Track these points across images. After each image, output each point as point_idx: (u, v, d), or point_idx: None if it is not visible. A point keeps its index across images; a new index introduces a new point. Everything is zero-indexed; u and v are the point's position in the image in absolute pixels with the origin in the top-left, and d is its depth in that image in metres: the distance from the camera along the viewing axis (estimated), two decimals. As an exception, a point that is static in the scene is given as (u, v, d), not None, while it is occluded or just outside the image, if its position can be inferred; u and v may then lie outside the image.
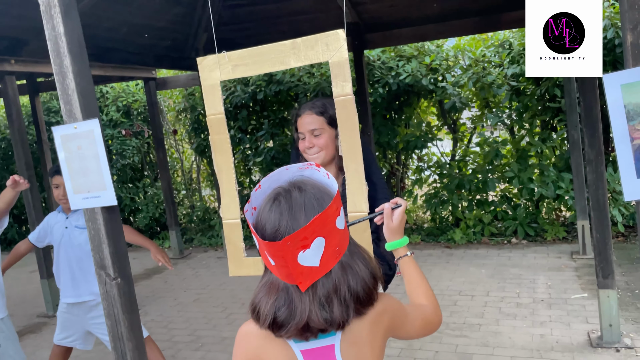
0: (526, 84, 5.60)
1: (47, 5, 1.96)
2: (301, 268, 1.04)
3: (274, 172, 1.17)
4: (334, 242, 1.06)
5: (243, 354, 1.17)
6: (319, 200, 1.07)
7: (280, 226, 1.05)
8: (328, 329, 1.07)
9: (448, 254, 5.37)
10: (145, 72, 6.12)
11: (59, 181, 2.95)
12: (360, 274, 1.08)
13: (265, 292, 1.12)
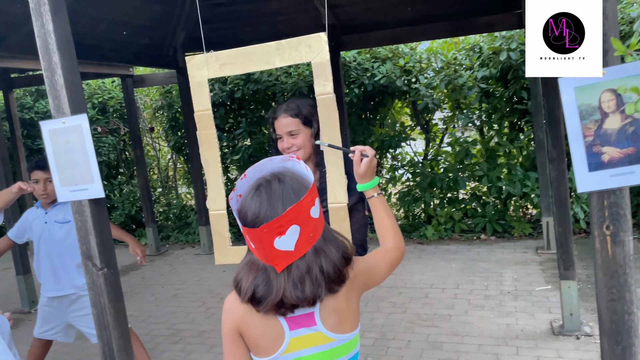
0: (495, 87, 5.82)
1: (36, 3, 2.01)
2: (277, 252, 1.17)
3: (259, 162, 1.28)
4: (308, 229, 1.18)
5: (230, 318, 1.28)
6: (296, 191, 1.19)
7: (259, 214, 1.17)
8: (301, 304, 1.20)
9: (420, 250, 5.55)
10: (123, 70, 6.12)
11: (38, 176, 2.98)
12: (332, 258, 1.21)
13: (247, 270, 1.25)
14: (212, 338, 3.87)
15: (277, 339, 1.24)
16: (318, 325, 1.25)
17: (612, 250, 1.52)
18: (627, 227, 1.49)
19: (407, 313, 3.99)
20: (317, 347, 1.26)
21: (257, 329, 1.25)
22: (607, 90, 1.45)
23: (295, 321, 1.24)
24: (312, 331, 1.25)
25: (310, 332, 1.25)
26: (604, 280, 1.54)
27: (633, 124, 1.44)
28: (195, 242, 6.82)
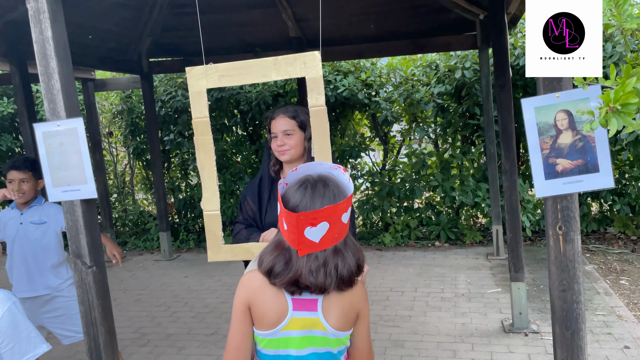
0: (450, 102, 6.19)
1: (36, 10, 2.09)
2: (304, 239, 1.34)
3: (310, 163, 1.47)
4: (335, 230, 1.36)
5: (244, 291, 1.44)
6: (335, 195, 1.37)
7: (300, 204, 1.36)
8: (311, 288, 1.37)
9: (379, 256, 5.79)
10: (84, 73, 6.07)
11: (14, 176, 2.98)
12: (347, 260, 1.39)
13: (273, 247, 1.43)
14: (180, 341, 3.93)
15: (281, 315, 1.40)
16: (318, 312, 1.41)
17: (563, 248, 1.77)
18: (576, 227, 1.75)
19: (370, 315, 4.19)
20: (311, 330, 1.42)
21: (266, 304, 1.40)
22: (561, 111, 1.71)
23: (300, 303, 1.40)
24: (312, 316, 1.41)
25: (310, 316, 1.41)
26: (557, 273, 1.79)
27: (582, 140, 1.70)
28: (154, 248, 6.78)
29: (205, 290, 5.03)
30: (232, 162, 6.82)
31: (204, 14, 5.32)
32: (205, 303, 4.69)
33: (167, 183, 7.04)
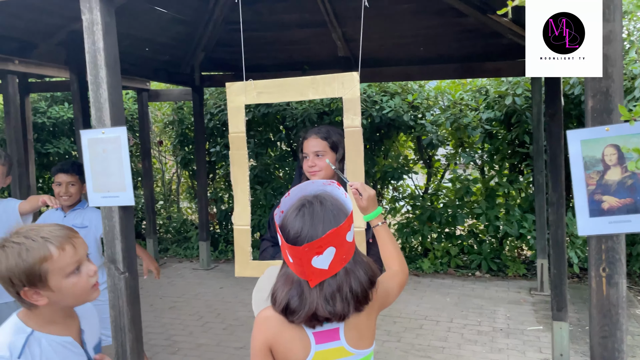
0: (499, 129, 6.03)
1: (90, 22, 2.18)
2: (313, 269, 1.29)
3: (302, 183, 1.42)
4: (343, 251, 1.31)
5: (263, 334, 1.38)
6: (335, 216, 1.32)
7: (301, 233, 1.30)
8: (332, 319, 1.32)
9: (416, 281, 5.66)
10: (140, 83, 6.31)
11: (61, 179, 3.11)
12: (360, 279, 1.34)
13: (283, 282, 1.37)
14: (209, 352, 3.94)
15: (305, 352, 1.34)
16: (341, 340, 1.36)
17: (606, 291, 1.66)
18: (621, 270, 1.63)
19: (402, 342, 4.08)
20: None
21: (288, 343, 1.35)
22: (610, 145, 1.61)
23: (321, 336, 1.35)
24: (336, 345, 1.36)
25: (334, 346, 1.36)
26: (598, 318, 1.67)
27: (632, 177, 1.59)
28: (194, 257, 6.90)
29: (238, 303, 5.05)
30: (275, 177, 6.88)
31: (256, 31, 5.47)
32: (237, 316, 4.71)
33: (211, 194, 7.17)
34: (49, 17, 4.13)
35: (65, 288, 1.36)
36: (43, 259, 1.32)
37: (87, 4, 2.19)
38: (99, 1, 2.17)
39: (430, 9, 4.66)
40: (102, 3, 2.18)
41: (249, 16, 5.13)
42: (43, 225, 1.39)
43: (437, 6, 4.52)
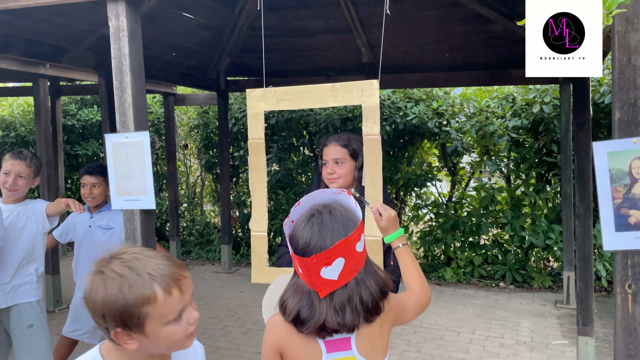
0: (526, 137, 5.92)
1: (116, 28, 2.23)
2: (322, 280, 1.28)
3: (312, 192, 1.41)
4: (352, 262, 1.29)
5: (273, 339, 1.38)
6: (345, 226, 1.30)
7: (310, 244, 1.29)
8: (341, 330, 1.30)
9: (438, 291, 5.58)
10: (167, 88, 6.41)
11: (86, 180, 3.17)
12: (371, 290, 1.32)
13: (293, 292, 1.36)
14: (228, 356, 3.96)
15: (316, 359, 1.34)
16: (353, 350, 1.34)
17: (632, 308, 1.60)
18: (648, 287, 1.58)
19: (422, 352, 4.02)
20: None
21: (298, 350, 1.34)
22: (637, 158, 1.56)
23: (332, 345, 1.34)
24: (347, 355, 1.34)
25: (345, 356, 1.34)
26: (623, 336, 1.62)
27: (661, 191, 1.54)
28: (216, 260, 6.95)
29: (258, 307, 5.06)
30: (297, 182, 6.89)
31: (281, 37, 5.51)
32: (256, 320, 4.72)
33: (234, 197, 7.22)
34: (79, 22, 4.23)
35: (161, 336, 1.14)
36: (146, 301, 1.09)
37: (114, 10, 2.23)
38: (126, 8, 2.21)
39: (456, 16, 4.61)
40: (129, 10, 2.23)
41: (274, 22, 5.17)
42: (151, 254, 1.16)
43: (464, 13, 4.48)
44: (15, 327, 2.77)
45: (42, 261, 2.95)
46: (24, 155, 2.84)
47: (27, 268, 2.84)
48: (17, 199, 2.84)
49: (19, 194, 2.83)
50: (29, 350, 2.77)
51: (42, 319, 2.86)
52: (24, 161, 2.81)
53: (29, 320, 2.78)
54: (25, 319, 2.77)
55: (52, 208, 2.87)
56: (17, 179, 2.79)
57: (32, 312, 2.81)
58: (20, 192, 2.83)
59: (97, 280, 1.11)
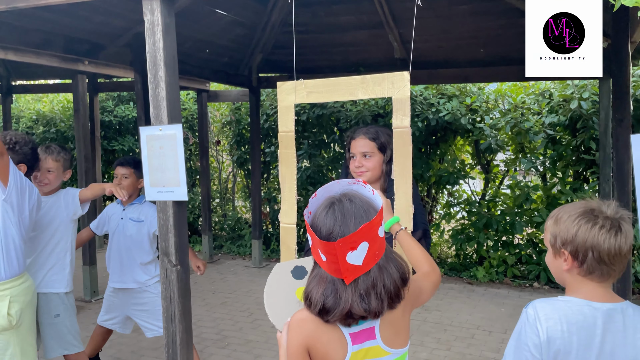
0: (563, 134, 5.75)
1: (151, 23, 2.27)
2: (348, 265, 1.28)
3: (328, 184, 1.42)
4: (375, 247, 1.29)
5: (299, 336, 1.36)
6: (366, 211, 1.31)
7: (333, 230, 1.29)
8: (367, 316, 1.30)
9: (469, 290, 5.49)
10: (200, 84, 6.51)
11: (118, 172, 3.24)
12: (393, 276, 1.32)
13: (316, 283, 1.35)
14: (258, 348, 4.00)
15: (343, 353, 1.33)
16: (377, 339, 1.34)
17: (672, 309, 1.54)
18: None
19: (452, 351, 3.97)
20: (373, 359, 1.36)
21: (325, 345, 1.33)
22: (679, 152, 1.50)
23: (358, 336, 1.33)
24: (372, 344, 1.34)
25: (370, 345, 1.34)
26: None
27: None
28: (246, 255, 7.03)
29: (287, 302, 5.10)
30: (327, 178, 6.90)
31: (313, 33, 5.52)
32: (286, 314, 4.75)
33: (265, 193, 7.29)
34: (117, 19, 4.34)
35: None
36: None
37: (149, 5, 2.28)
38: (160, 3, 2.26)
39: (491, 10, 4.52)
40: (163, 5, 2.27)
41: (306, 18, 5.18)
42: None
43: (499, 7, 4.38)
44: (42, 316, 2.84)
45: (72, 250, 3.01)
46: (52, 149, 2.92)
47: (57, 257, 2.91)
48: (49, 191, 2.93)
49: (49, 188, 2.91)
50: (56, 339, 2.86)
51: (69, 310, 2.93)
52: (51, 155, 2.89)
53: (56, 310, 2.87)
54: (52, 309, 2.85)
55: (87, 193, 2.95)
56: (46, 173, 2.87)
57: (60, 302, 2.89)
58: (51, 185, 2.91)
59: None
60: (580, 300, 1.37)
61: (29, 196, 2.49)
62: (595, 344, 1.33)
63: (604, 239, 1.33)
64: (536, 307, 1.37)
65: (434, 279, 1.58)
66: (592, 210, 1.38)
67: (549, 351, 1.34)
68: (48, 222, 2.86)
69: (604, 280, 1.38)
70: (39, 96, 9.12)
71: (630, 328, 1.35)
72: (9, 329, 2.48)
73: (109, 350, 3.89)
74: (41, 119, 8.48)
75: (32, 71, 6.97)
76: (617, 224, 1.35)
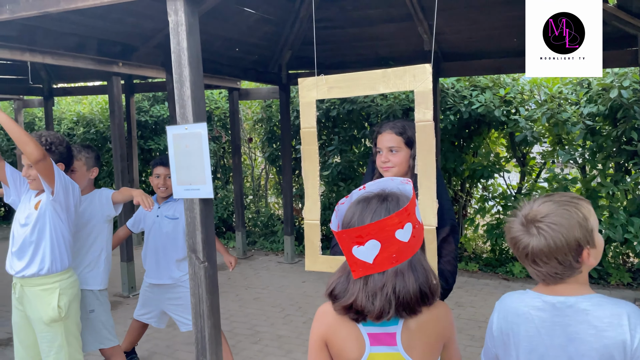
0: (602, 124, 5.54)
1: (175, 23, 2.31)
2: (355, 259, 1.26)
3: (382, 179, 1.39)
4: (391, 250, 1.25)
5: (319, 327, 1.39)
6: (387, 211, 1.26)
7: (350, 222, 1.29)
8: (368, 315, 1.27)
9: (505, 286, 5.37)
10: (231, 83, 6.58)
11: (160, 171, 3.32)
12: (408, 286, 1.26)
13: (339, 270, 1.37)
14: (289, 344, 4.03)
15: (359, 352, 1.32)
16: (398, 347, 1.31)
17: None
18: None
19: (485, 348, 3.89)
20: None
21: (343, 340, 1.33)
22: None
23: (376, 338, 1.31)
24: (392, 351, 1.31)
25: (390, 351, 1.31)
26: None
27: None
28: (279, 251, 7.08)
29: (319, 298, 5.11)
30: (358, 174, 6.86)
31: (341, 28, 5.49)
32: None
33: (296, 190, 7.32)
34: (147, 21, 4.43)
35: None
36: None
37: (173, 6, 2.32)
38: (184, 4, 2.29)
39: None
40: (187, 5, 2.30)
41: (334, 13, 5.16)
42: None
43: (531, -6, 4.25)
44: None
45: (107, 249, 3.09)
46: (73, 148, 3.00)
47: (92, 256, 3.00)
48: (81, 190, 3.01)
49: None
50: (92, 334, 2.96)
51: (104, 305, 3.03)
52: None
53: (91, 306, 2.96)
54: (87, 305, 2.95)
55: (118, 196, 3.02)
56: (70, 172, 2.96)
57: (94, 299, 2.98)
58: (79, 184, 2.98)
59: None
60: (534, 293, 1.40)
61: (72, 193, 2.63)
62: (542, 335, 1.35)
63: (519, 239, 1.37)
64: (500, 300, 1.47)
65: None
66: (515, 213, 1.42)
67: (499, 340, 1.43)
68: (85, 222, 2.95)
69: (546, 281, 1.37)
70: (79, 98, 9.42)
71: (579, 323, 1.32)
72: (58, 320, 2.60)
73: (145, 344, 3.99)
74: (81, 120, 8.76)
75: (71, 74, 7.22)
76: (532, 224, 1.34)
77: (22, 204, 2.72)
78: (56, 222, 2.61)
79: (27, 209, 2.65)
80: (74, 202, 2.67)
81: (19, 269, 2.61)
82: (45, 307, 2.59)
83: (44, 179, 2.50)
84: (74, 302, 2.71)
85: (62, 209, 2.61)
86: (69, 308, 2.65)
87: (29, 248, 2.60)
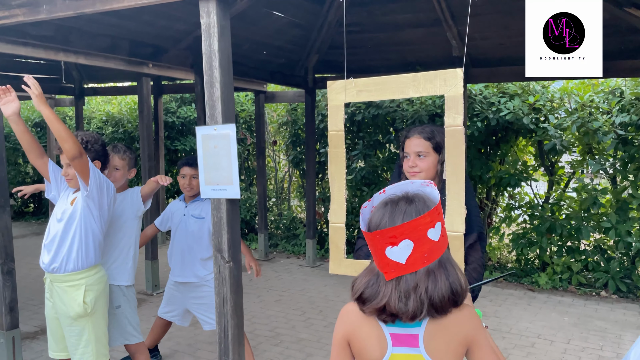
0: (635, 134, 5.40)
1: (207, 25, 2.34)
2: (388, 260, 1.26)
3: (401, 182, 1.39)
4: (423, 249, 1.25)
5: (342, 326, 1.40)
6: (417, 212, 1.27)
7: (380, 223, 1.29)
8: (401, 316, 1.26)
9: (530, 297, 5.27)
10: (258, 85, 6.64)
11: (186, 172, 3.36)
12: (439, 285, 1.26)
13: (365, 273, 1.37)
14: (309, 347, 4.03)
15: (381, 352, 1.32)
16: (420, 349, 1.30)
17: None
18: None
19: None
20: None
21: (365, 340, 1.34)
22: None
23: (399, 338, 1.31)
24: (414, 352, 1.30)
25: (412, 352, 1.31)
26: None
27: None
28: (301, 254, 7.09)
29: (340, 302, 5.09)
30: (382, 179, 6.83)
31: (369, 33, 5.48)
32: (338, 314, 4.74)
33: (319, 193, 7.32)
34: (178, 23, 4.50)
35: None
36: None
37: (206, 8, 2.35)
38: (216, 6, 2.32)
39: (556, 3, 4.31)
40: (219, 7, 2.33)
41: (362, 17, 5.16)
42: None
43: (564, 0, 4.18)
44: None
45: (135, 246, 3.14)
46: (118, 148, 3.07)
47: (120, 252, 3.05)
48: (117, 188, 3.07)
49: (116, 185, 3.05)
50: (117, 329, 3.00)
51: (130, 302, 3.07)
52: (118, 154, 3.05)
53: (117, 302, 3.01)
54: (114, 300, 2.99)
55: (146, 189, 3.08)
56: (114, 170, 3.03)
57: (120, 294, 3.03)
58: (117, 182, 3.05)
59: None
60: None
61: (106, 191, 2.68)
62: None
63: None
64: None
65: None
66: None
67: None
68: (117, 218, 3.01)
69: None
70: (108, 98, 9.62)
71: None
72: (84, 316, 2.66)
73: (167, 342, 4.03)
74: (110, 120, 8.94)
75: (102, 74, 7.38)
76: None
77: (60, 199, 2.80)
78: (88, 218, 2.67)
79: (64, 205, 2.72)
80: (108, 201, 2.73)
81: (47, 262, 2.68)
82: (71, 303, 2.64)
83: (80, 176, 2.56)
84: (101, 297, 2.77)
85: (95, 206, 2.67)
86: (95, 304, 2.70)
87: (58, 242, 2.66)
